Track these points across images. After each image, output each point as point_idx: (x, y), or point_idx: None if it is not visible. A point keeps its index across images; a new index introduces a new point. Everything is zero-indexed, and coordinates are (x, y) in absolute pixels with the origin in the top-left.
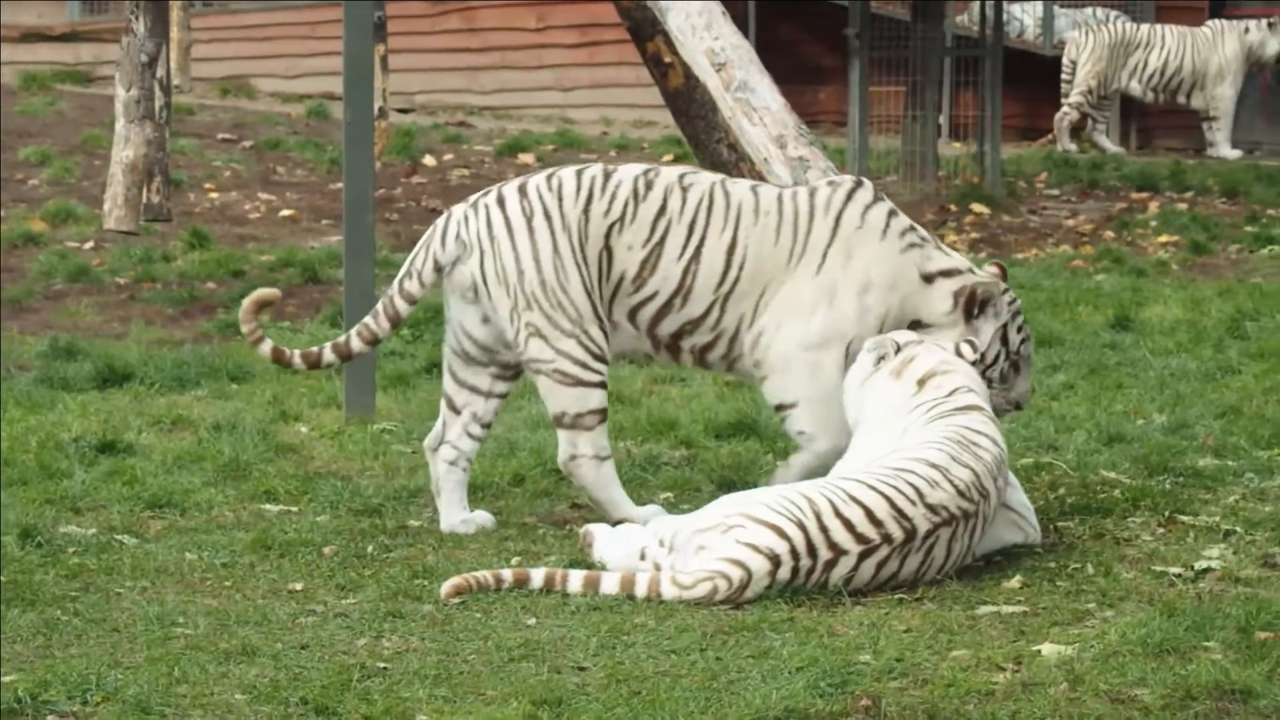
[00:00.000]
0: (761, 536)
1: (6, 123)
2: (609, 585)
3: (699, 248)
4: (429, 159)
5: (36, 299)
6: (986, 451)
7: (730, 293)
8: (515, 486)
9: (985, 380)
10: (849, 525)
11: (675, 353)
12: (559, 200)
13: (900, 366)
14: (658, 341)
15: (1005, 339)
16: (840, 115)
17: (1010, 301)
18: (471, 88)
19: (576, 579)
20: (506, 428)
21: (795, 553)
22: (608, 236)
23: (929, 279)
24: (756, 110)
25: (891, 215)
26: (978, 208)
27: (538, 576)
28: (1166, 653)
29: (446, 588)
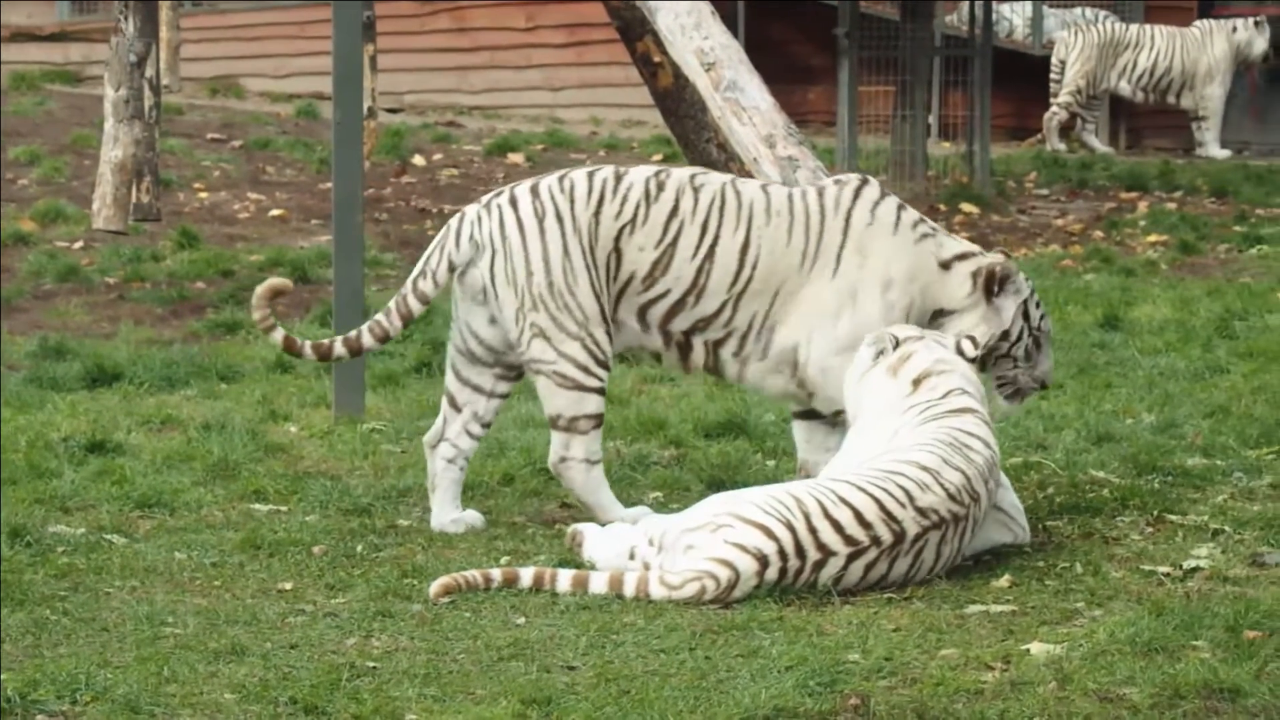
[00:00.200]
0: (750, 537)
1: None
2: (598, 585)
3: (713, 247)
4: (418, 159)
5: (26, 299)
6: (978, 454)
7: (743, 291)
8: (505, 486)
9: (1010, 359)
10: (838, 527)
11: (686, 350)
12: (571, 202)
13: (897, 364)
14: (669, 338)
15: (1026, 315)
16: (830, 115)
17: (1025, 279)
18: (461, 87)
19: (565, 578)
20: (496, 427)
21: (783, 553)
22: (618, 239)
23: (946, 265)
24: (746, 110)
25: (900, 209)
26: (967, 207)
27: (527, 576)
28: (1155, 652)
29: (435, 587)
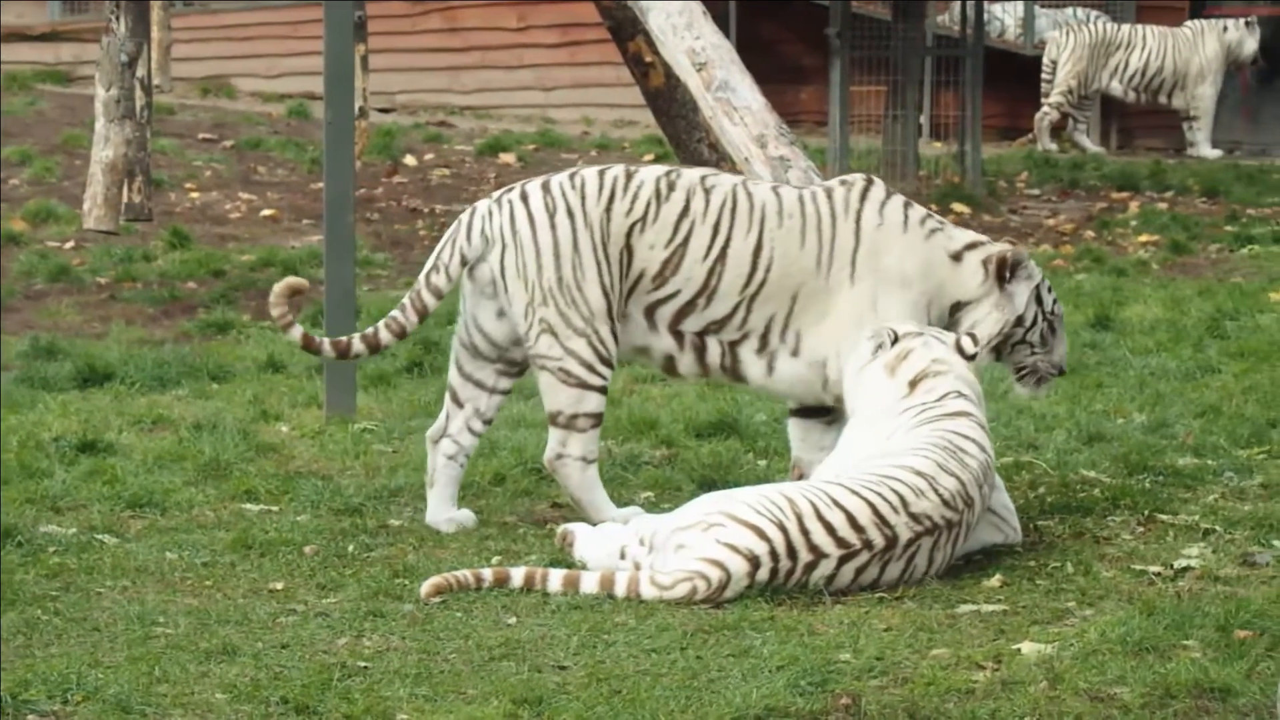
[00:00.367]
0: (741, 537)
1: None
2: (589, 584)
3: (724, 249)
4: (410, 159)
5: (17, 299)
6: (973, 458)
7: (757, 294)
8: (496, 486)
9: (1026, 345)
10: (830, 529)
11: (701, 350)
12: (582, 198)
13: (895, 362)
14: (681, 338)
15: (1039, 300)
16: (821, 115)
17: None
18: (452, 87)
19: (556, 578)
20: None
21: (775, 554)
22: (629, 235)
23: (957, 257)
24: (737, 110)
25: (907, 206)
26: (958, 207)
27: (518, 575)
28: (1146, 651)
29: (427, 587)
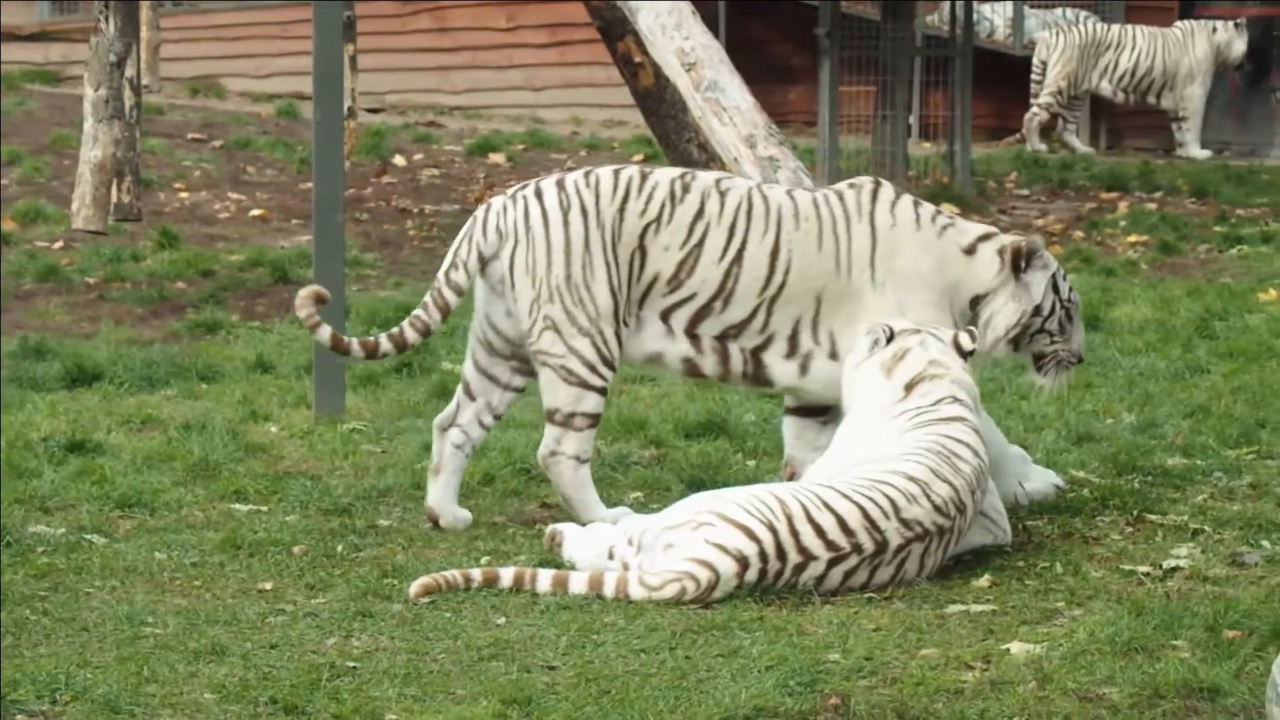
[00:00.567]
0: (730, 537)
1: None
2: (577, 585)
3: (740, 251)
4: (399, 159)
5: (6, 299)
6: (967, 463)
7: (777, 296)
8: (485, 486)
9: (1045, 334)
10: (820, 531)
11: (724, 357)
12: (596, 197)
13: (892, 363)
14: (698, 341)
15: (1056, 288)
16: (810, 115)
17: None
18: (442, 87)
19: (545, 578)
20: None
21: (764, 555)
22: (642, 236)
23: (970, 250)
24: (726, 110)
25: (917, 205)
26: (948, 208)
27: (506, 576)
28: (1135, 651)
29: (415, 587)
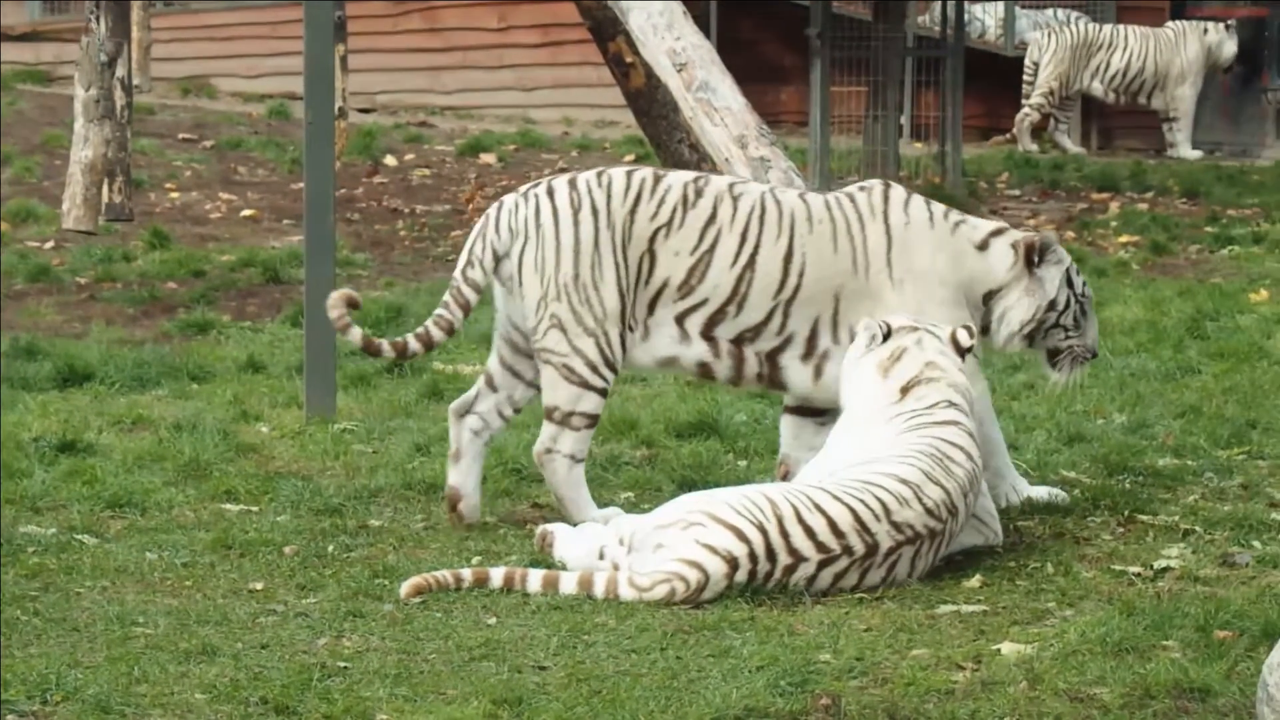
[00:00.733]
0: (720, 538)
1: None
2: (568, 585)
3: (753, 256)
4: (390, 159)
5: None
6: (960, 467)
7: (793, 299)
8: None
9: (1060, 329)
10: (810, 533)
11: (739, 361)
12: (608, 197)
13: (888, 363)
14: (715, 345)
15: (1070, 283)
16: (802, 115)
17: None
18: (433, 87)
19: (536, 579)
20: None
21: (754, 556)
22: (652, 240)
23: (983, 246)
24: (718, 110)
25: (928, 204)
26: None
27: (497, 576)
28: (1126, 651)
29: (406, 587)
